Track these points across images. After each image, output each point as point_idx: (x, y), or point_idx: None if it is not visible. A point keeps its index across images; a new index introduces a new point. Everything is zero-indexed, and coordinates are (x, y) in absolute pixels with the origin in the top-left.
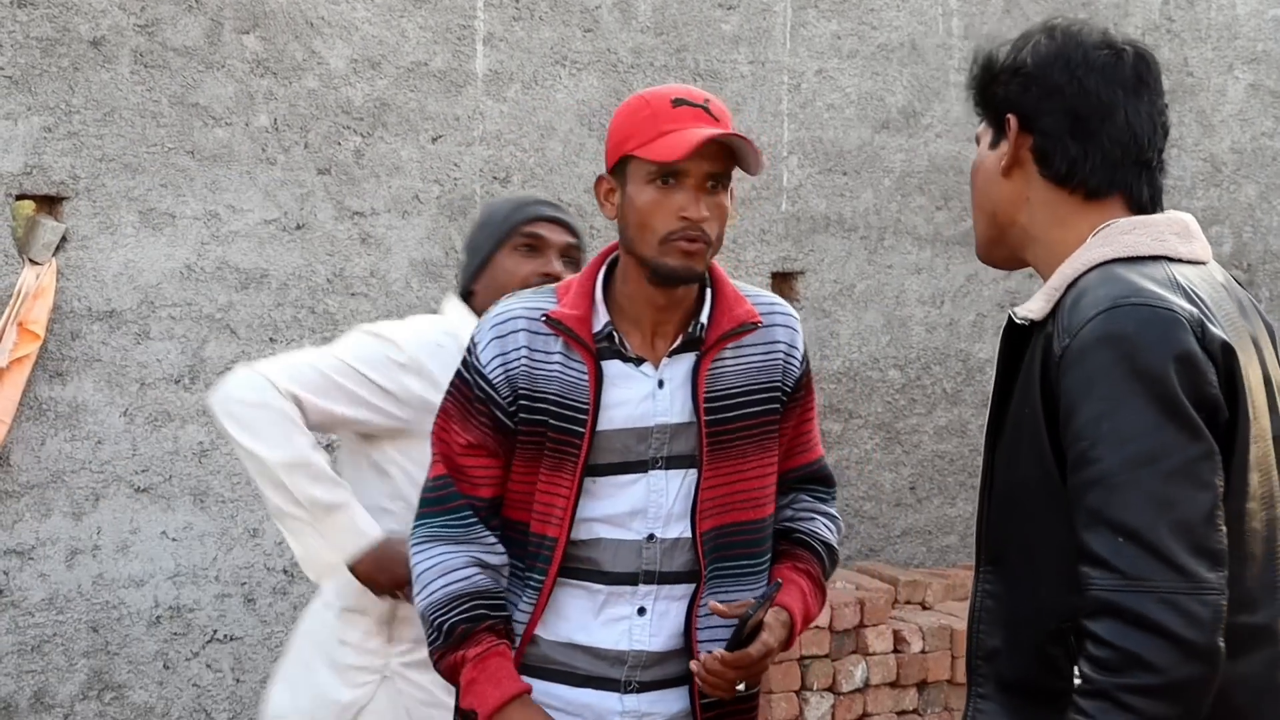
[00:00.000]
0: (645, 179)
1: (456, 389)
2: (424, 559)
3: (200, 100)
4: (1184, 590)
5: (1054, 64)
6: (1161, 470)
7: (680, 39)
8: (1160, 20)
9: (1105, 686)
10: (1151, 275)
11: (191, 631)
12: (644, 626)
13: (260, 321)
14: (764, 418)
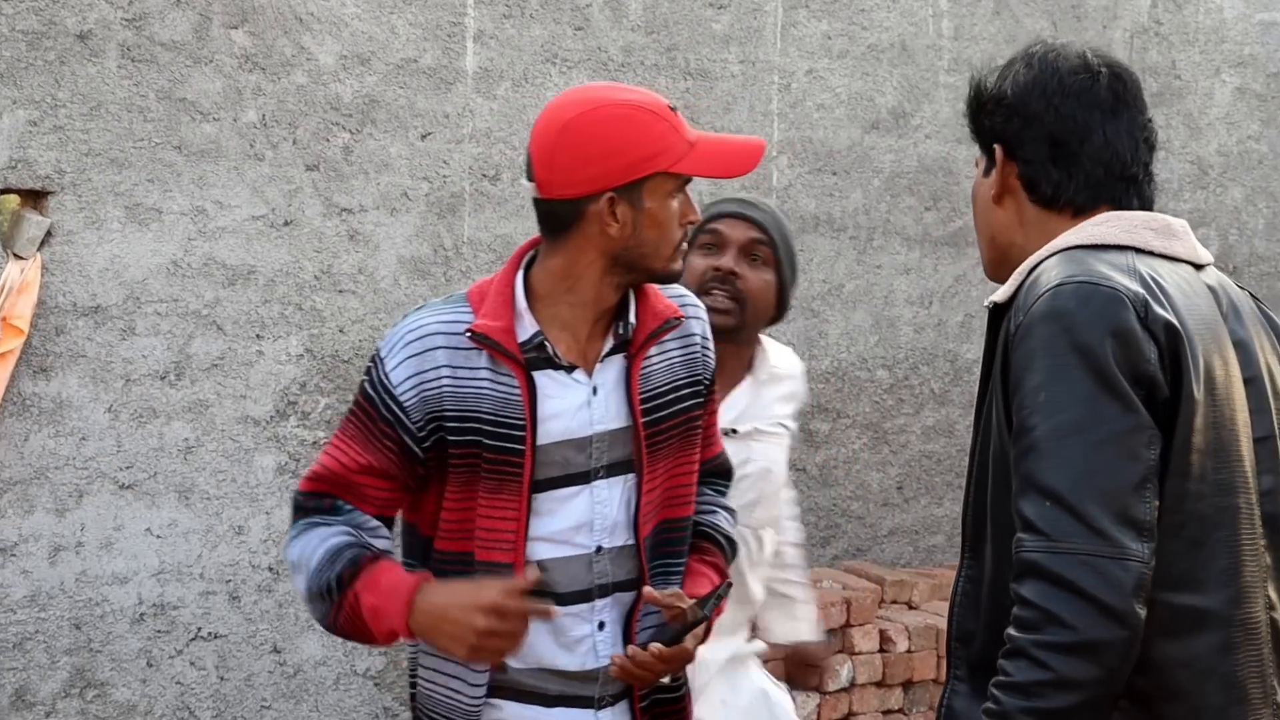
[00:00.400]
0: (669, 193)
1: (361, 409)
2: (297, 545)
3: (188, 95)
4: (1104, 554)
5: (1031, 92)
6: (1090, 439)
7: (671, 38)
8: (1149, 23)
9: (1023, 644)
10: (1109, 260)
11: (175, 629)
12: (606, 640)
13: (247, 318)
14: (690, 413)
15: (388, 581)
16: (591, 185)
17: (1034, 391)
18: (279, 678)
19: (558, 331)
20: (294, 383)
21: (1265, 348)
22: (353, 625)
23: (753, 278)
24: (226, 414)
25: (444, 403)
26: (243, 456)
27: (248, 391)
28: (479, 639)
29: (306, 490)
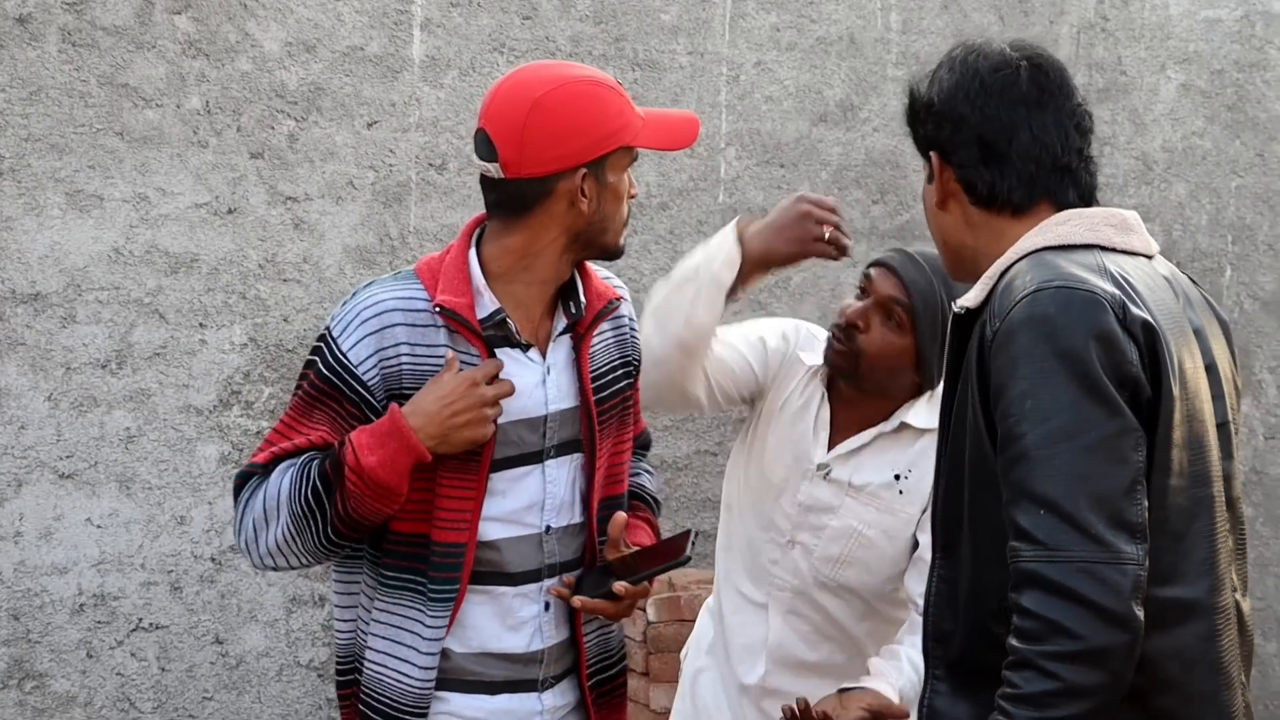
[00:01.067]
0: (624, 166)
1: (316, 389)
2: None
3: (130, 81)
4: (1102, 560)
5: (955, 96)
6: (1080, 445)
7: (619, 28)
8: (1095, 19)
9: (1029, 655)
10: (1080, 261)
11: (116, 620)
12: (550, 621)
13: (190, 306)
14: (626, 393)
15: (371, 437)
16: (564, 162)
17: (1019, 399)
18: (221, 669)
19: (513, 310)
20: (237, 372)
21: (1215, 334)
22: (365, 501)
23: (877, 336)
24: (169, 403)
25: (403, 381)
26: (185, 446)
27: (190, 380)
28: (492, 408)
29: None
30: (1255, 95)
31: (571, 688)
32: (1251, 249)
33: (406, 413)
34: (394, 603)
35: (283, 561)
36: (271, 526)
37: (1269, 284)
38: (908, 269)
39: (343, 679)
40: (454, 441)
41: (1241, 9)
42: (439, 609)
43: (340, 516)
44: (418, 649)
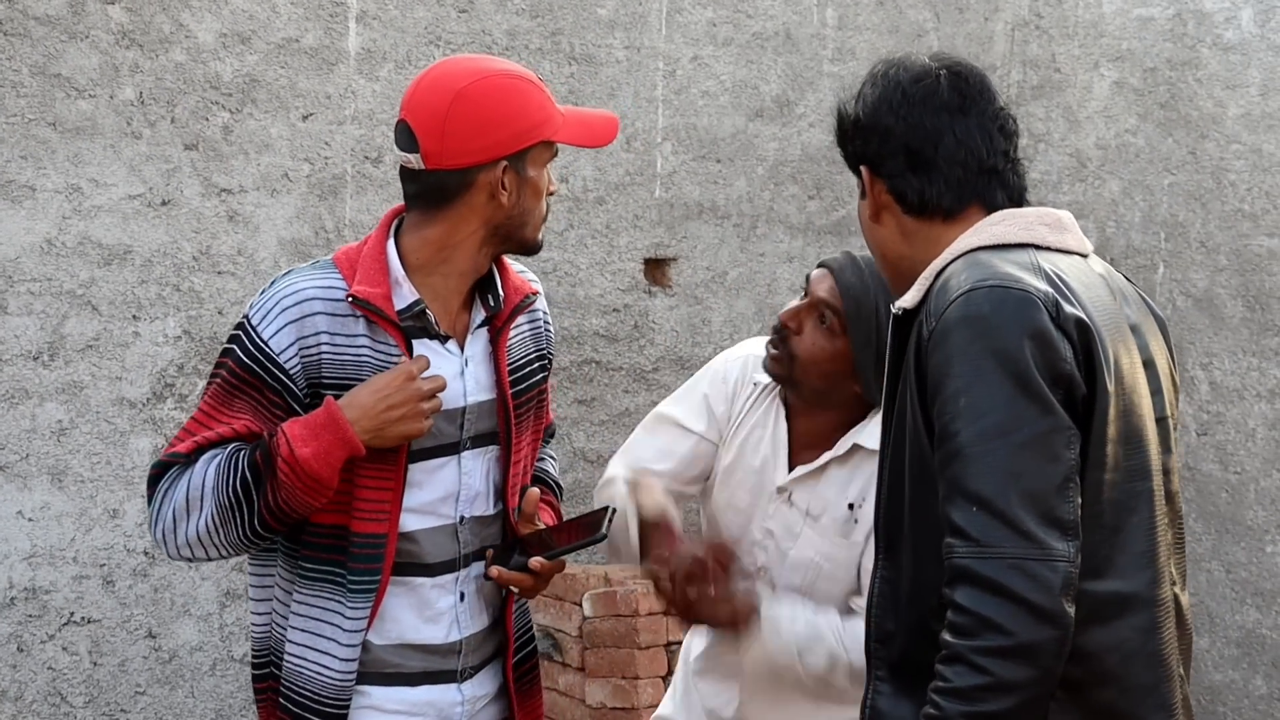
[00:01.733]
0: (544, 161)
1: (236, 377)
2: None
3: (63, 71)
4: (1033, 556)
5: (880, 108)
6: (1013, 442)
7: (555, 22)
8: (1029, 16)
9: (960, 650)
10: (1014, 260)
11: (47, 614)
12: (466, 611)
13: (123, 299)
14: (540, 385)
15: (305, 429)
16: (486, 154)
17: (954, 397)
18: (154, 663)
19: (432, 301)
20: (171, 364)
21: (1152, 330)
22: (295, 493)
23: (806, 339)
24: (101, 396)
25: (322, 370)
26: (118, 439)
27: (123, 373)
28: (427, 403)
29: (173, 453)
30: (1187, 93)
31: (490, 677)
32: (1184, 246)
33: (343, 405)
34: (313, 595)
35: (201, 553)
36: (193, 517)
37: (1201, 281)
38: (845, 273)
39: (258, 673)
40: (389, 436)
41: (1174, 8)
42: (359, 600)
43: (269, 508)
44: (338, 641)
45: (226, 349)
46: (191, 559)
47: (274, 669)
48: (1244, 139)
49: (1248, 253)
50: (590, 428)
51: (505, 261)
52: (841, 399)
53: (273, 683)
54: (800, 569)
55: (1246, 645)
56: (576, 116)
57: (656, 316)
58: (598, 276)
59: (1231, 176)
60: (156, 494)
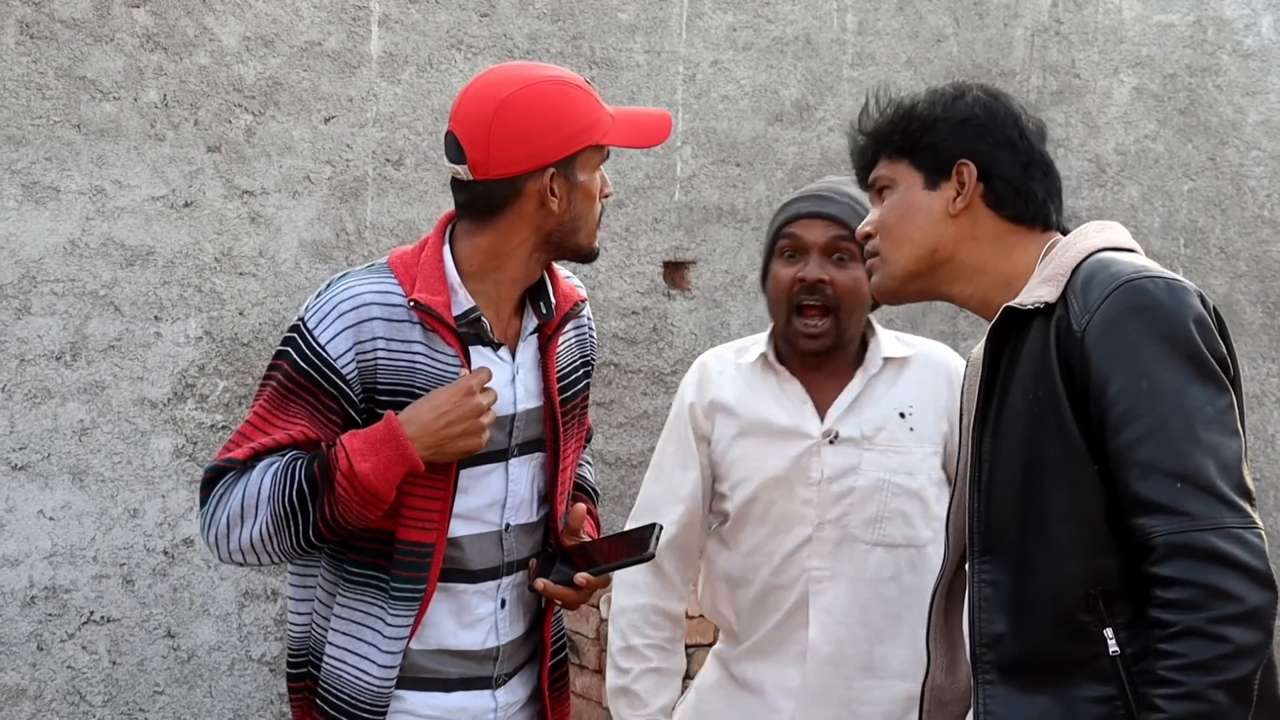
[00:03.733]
0: (595, 165)
1: (293, 382)
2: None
3: (88, 74)
4: (1243, 525)
5: (1004, 119)
6: (1202, 419)
7: (576, 26)
8: (1049, 22)
9: (1193, 623)
10: (1142, 260)
11: (67, 613)
12: (506, 618)
13: (145, 299)
14: (584, 393)
15: (364, 443)
16: (532, 162)
17: (1133, 381)
18: (172, 662)
19: (485, 308)
20: (192, 365)
21: None
22: (352, 507)
23: (842, 278)
24: (123, 396)
25: (378, 375)
26: (139, 439)
27: (145, 373)
28: (485, 417)
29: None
30: (1207, 99)
31: (523, 684)
32: (1203, 251)
33: (403, 421)
34: (356, 599)
35: (253, 559)
36: (247, 524)
37: (1220, 286)
38: (827, 206)
39: (294, 672)
40: (449, 452)
41: (1194, 14)
42: (402, 608)
43: (325, 520)
44: (378, 647)
45: (281, 351)
46: (243, 563)
47: (312, 669)
48: (1264, 145)
49: (1267, 259)
50: (609, 430)
51: (555, 268)
52: (861, 323)
53: (309, 683)
54: (872, 495)
55: None
56: (627, 117)
57: (675, 319)
58: (617, 279)
59: (1251, 183)
60: (210, 498)
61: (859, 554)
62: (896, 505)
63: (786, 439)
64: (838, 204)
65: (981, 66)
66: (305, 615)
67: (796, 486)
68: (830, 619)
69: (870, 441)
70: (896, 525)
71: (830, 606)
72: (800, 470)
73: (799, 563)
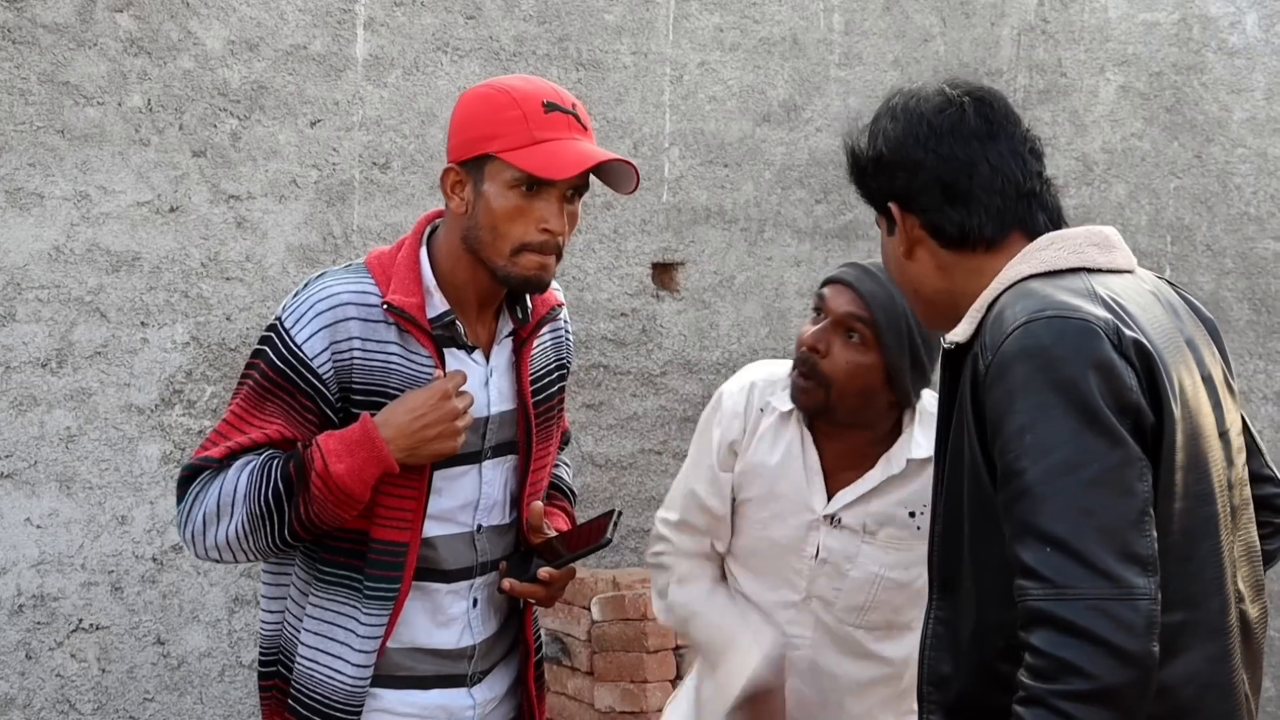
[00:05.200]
0: (508, 184)
1: (270, 381)
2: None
3: (71, 79)
4: (1113, 596)
5: (906, 143)
6: (1083, 478)
7: (563, 28)
8: (1036, 21)
9: (1040, 694)
10: (1068, 287)
11: (55, 620)
12: (478, 617)
13: (131, 305)
14: (559, 396)
15: (340, 444)
16: (450, 155)
17: (1018, 433)
18: (162, 669)
19: (459, 311)
20: (179, 371)
21: (1204, 340)
22: (327, 507)
23: (838, 355)
24: (110, 402)
25: (353, 375)
26: (126, 445)
27: (132, 379)
28: (461, 420)
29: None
30: (1193, 97)
31: (498, 680)
32: (1190, 249)
33: (379, 423)
34: (329, 599)
35: (229, 556)
36: (223, 522)
37: (1207, 284)
38: (863, 282)
39: (265, 670)
40: (423, 454)
41: (1179, 12)
42: (376, 607)
43: (300, 519)
44: (352, 646)
45: (258, 350)
46: (219, 561)
47: (283, 669)
48: (1249, 143)
49: (1253, 256)
50: (599, 431)
51: None
52: (876, 413)
53: (280, 683)
54: (863, 586)
55: None
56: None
57: (664, 320)
58: (605, 281)
59: (1237, 180)
60: (187, 496)
61: (842, 632)
62: (886, 597)
63: (791, 505)
64: (873, 283)
65: (968, 66)
66: (277, 614)
67: (789, 556)
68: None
69: (872, 536)
70: (882, 613)
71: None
72: (796, 543)
73: (779, 624)
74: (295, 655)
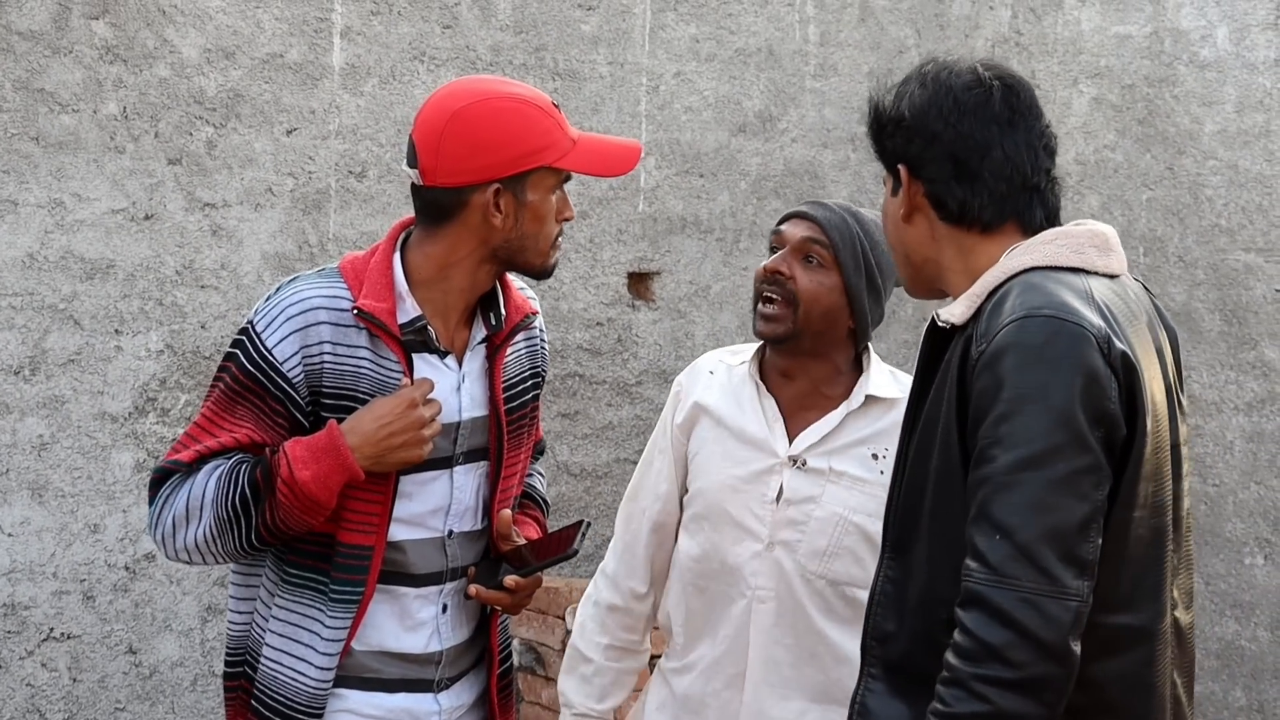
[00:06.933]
0: (550, 188)
1: (240, 384)
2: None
3: (46, 86)
4: (1046, 592)
5: (929, 112)
6: (1045, 476)
7: (539, 38)
8: (1009, 34)
9: (963, 675)
10: (1069, 285)
11: (26, 630)
12: (448, 623)
13: (105, 313)
14: (533, 404)
15: (306, 451)
16: (478, 175)
17: (997, 422)
18: (134, 679)
19: (433, 316)
20: (154, 379)
21: (1166, 349)
22: (293, 512)
23: (804, 278)
24: (83, 410)
25: (323, 380)
26: (99, 453)
27: (105, 387)
28: (428, 429)
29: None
30: (1165, 110)
31: (467, 689)
32: (1162, 260)
33: (345, 430)
34: (294, 601)
35: (198, 559)
36: (192, 525)
37: (1179, 295)
38: (817, 210)
39: (231, 670)
40: (389, 462)
41: (1150, 25)
42: (340, 610)
43: (266, 524)
44: (315, 648)
45: (229, 354)
46: (189, 563)
47: (248, 670)
48: (1220, 155)
49: (1225, 267)
50: (574, 441)
51: (509, 279)
52: (835, 339)
53: (245, 683)
54: (826, 528)
55: (1226, 657)
56: (591, 144)
57: (640, 330)
58: (581, 290)
59: (1209, 192)
60: (157, 499)
61: (808, 581)
62: (849, 543)
63: (752, 450)
64: (827, 210)
65: None
66: (246, 615)
67: (751, 501)
68: (767, 639)
69: (839, 476)
70: (844, 563)
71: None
72: (758, 485)
73: (744, 579)
74: (260, 656)
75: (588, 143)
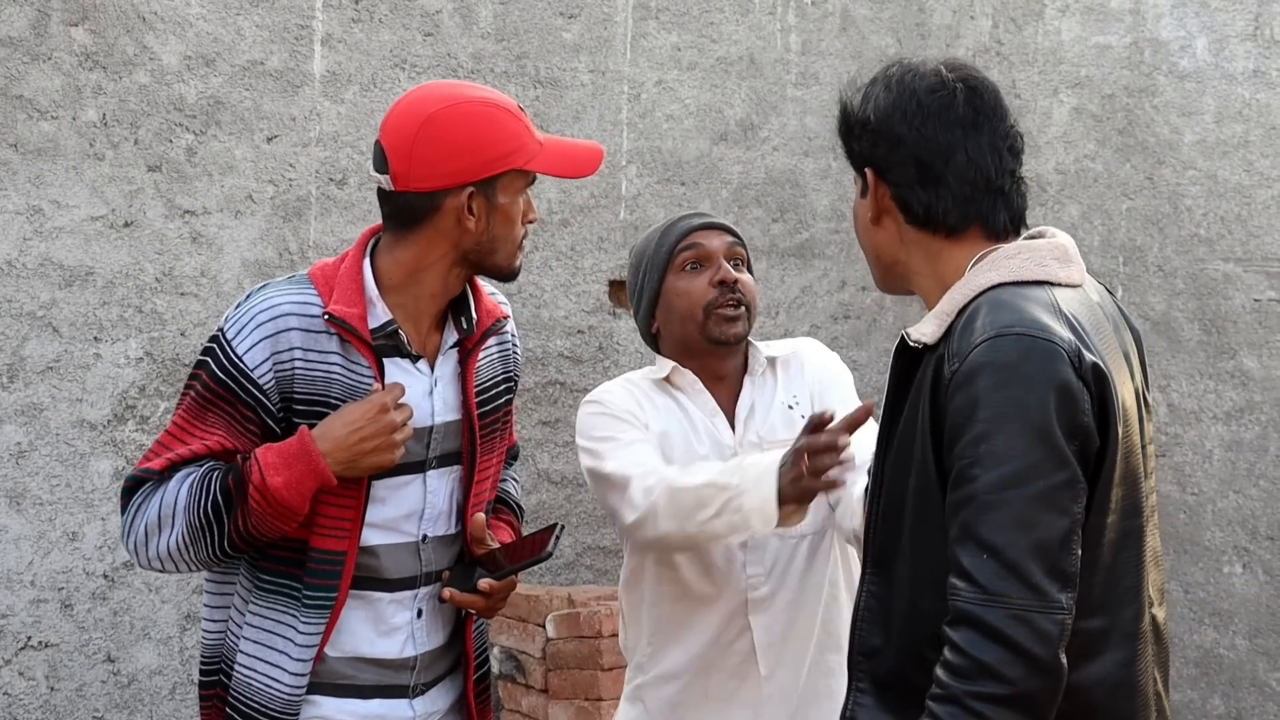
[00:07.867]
0: (518, 190)
1: (211, 392)
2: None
3: (25, 93)
4: (1035, 608)
5: (893, 116)
6: (1027, 493)
7: (521, 46)
8: (990, 43)
9: (956, 692)
10: (1036, 300)
11: (4, 638)
12: (423, 628)
13: (84, 320)
14: (506, 408)
15: (278, 457)
16: (451, 179)
17: (975, 442)
18: (112, 687)
19: (404, 321)
20: (133, 386)
21: (1132, 351)
22: (266, 519)
23: (746, 282)
24: (62, 418)
25: (294, 385)
26: (78, 461)
27: (84, 395)
28: (400, 433)
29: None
30: (1145, 120)
31: (442, 694)
32: (1142, 270)
33: (316, 436)
34: (268, 607)
35: (171, 566)
36: (165, 533)
37: (1158, 304)
38: (715, 219)
39: (206, 679)
40: (361, 467)
41: (1130, 36)
42: (314, 616)
43: (239, 531)
44: (289, 654)
45: (201, 362)
46: (163, 570)
47: (223, 677)
48: (1199, 165)
49: (1204, 277)
50: (554, 449)
51: (479, 284)
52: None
53: (220, 690)
54: None
55: (1204, 665)
56: (557, 146)
57: (621, 338)
58: (562, 298)
59: (1188, 202)
60: (130, 507)
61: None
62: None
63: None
64: (720, 217)
65: None
66: (221, 623)
67: None
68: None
69: (772, 443)
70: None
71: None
72: None
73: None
74: (235, 663)
75: (553, 145)
